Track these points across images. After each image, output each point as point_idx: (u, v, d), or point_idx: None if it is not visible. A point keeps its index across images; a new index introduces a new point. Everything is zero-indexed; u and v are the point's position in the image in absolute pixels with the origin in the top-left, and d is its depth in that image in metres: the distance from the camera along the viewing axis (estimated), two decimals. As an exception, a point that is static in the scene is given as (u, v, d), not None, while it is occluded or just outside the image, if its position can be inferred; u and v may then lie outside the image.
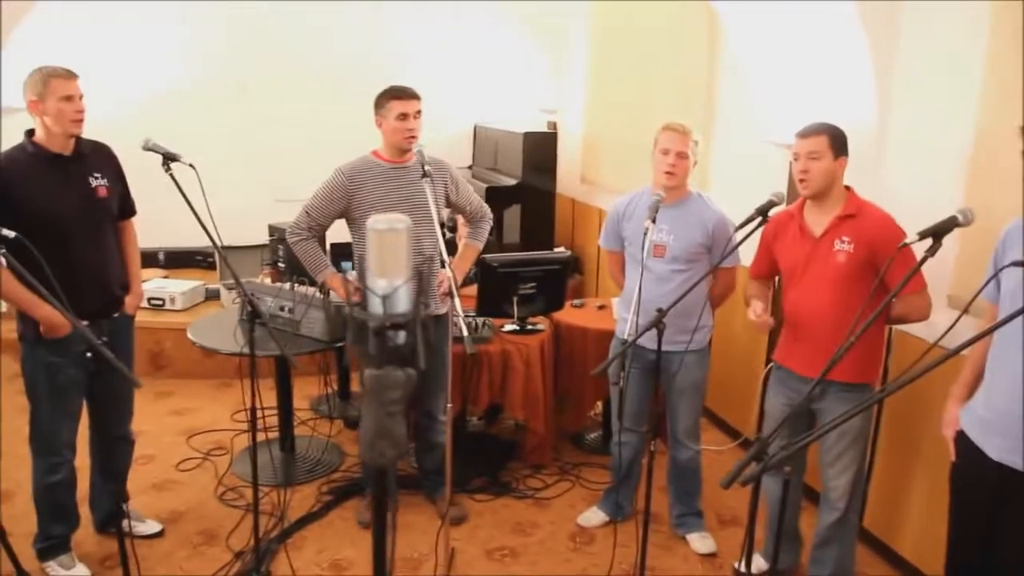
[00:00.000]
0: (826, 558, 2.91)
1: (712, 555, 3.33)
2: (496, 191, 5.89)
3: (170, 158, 2.71)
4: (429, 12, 6.58)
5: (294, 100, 6.23)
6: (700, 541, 3.39)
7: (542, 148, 6.11)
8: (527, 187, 6.00)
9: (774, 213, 2.65)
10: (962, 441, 2.21)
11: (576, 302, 4.39)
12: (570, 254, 4.13)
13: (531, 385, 3.81)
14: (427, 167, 2.96)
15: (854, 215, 2.67)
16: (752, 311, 2.82)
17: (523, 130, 6.08)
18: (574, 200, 6.25)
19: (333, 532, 3.46)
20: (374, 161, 3.30)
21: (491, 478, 3.90)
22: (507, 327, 3.91)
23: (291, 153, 6.02)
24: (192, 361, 4.96)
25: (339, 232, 3.56)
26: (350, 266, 4.07)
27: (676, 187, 3.09)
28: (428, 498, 3.70)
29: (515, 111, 6.67)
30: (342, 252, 4.24)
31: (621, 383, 2.87)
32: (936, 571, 2.59)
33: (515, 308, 3.81)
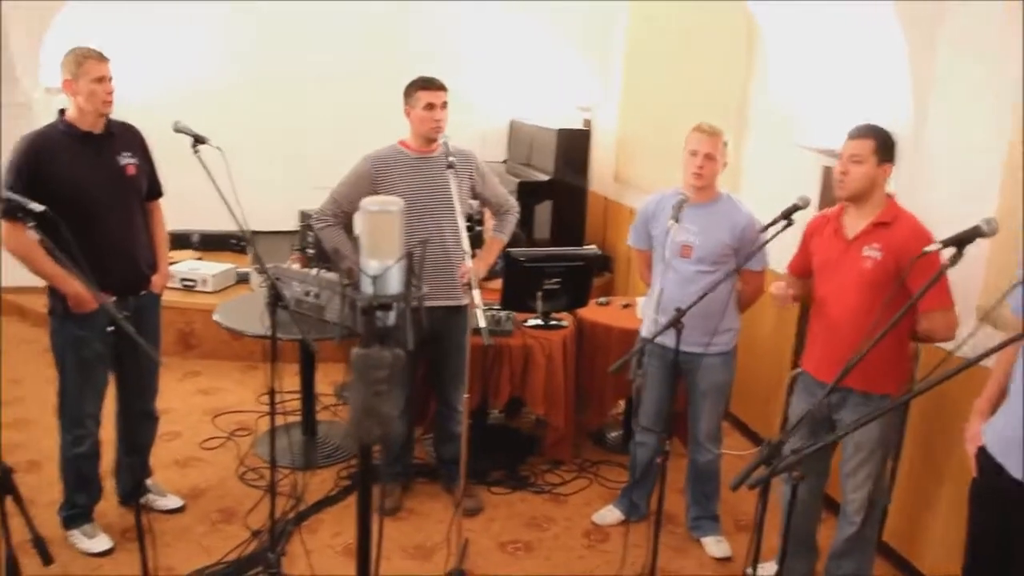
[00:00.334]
0: (841, 571, 2.86)
1: (727, 559, 3.30)
2: (528, 186, 5.89)
3: (199, 140, 2.76)
4: (471, 9, 6.59)
5: (335, 90, 6.28)
6: (715, 545, 3.35)
7: (576, 145, 6.10)
8: (559, 183, 5.99)
9: (798, 217, 2.61)
10: (983, 457, 2.16)
11: (602, 300, 4.37)
12: (597, 251, 4.10)
13: (552, 380, 3.80)
14: (452, 158, 2.96)
15: (889, 223, 2.62)
16: (775, 285, 2.81)
17: (557, 127, 6.06)
18: (607, 198, 6.22)
19: (349, 517, 3.48)
20: (400, 150, 3.32)
21: (509, 471, 3.90)
22: (530, 322, 3.91)
23: (329, 141, 6.07)
24: (221, 342, 5.04)
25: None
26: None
27: (704, 188, 3.06)
28: (445, 488, 3.72)
29: (553, 108, 6.65)
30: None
31: (637, 380, 2.85)
32: (954, 588, 2.53)
33: (539, 303, 3.80)
